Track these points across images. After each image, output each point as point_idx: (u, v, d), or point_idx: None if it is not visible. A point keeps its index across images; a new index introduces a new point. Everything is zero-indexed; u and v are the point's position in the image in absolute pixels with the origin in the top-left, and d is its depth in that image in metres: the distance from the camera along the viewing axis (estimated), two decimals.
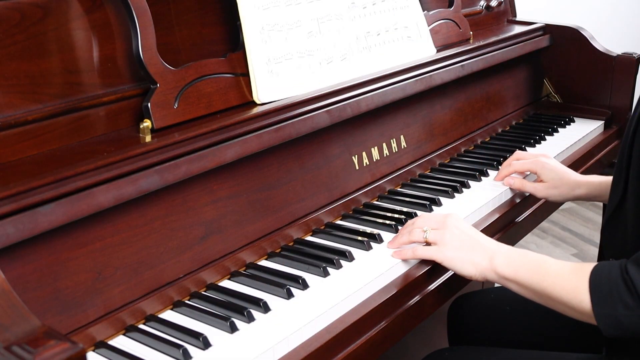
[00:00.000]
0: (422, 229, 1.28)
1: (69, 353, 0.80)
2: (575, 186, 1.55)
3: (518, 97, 2.14)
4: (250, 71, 1.38)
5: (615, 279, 1.07)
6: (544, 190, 1.58)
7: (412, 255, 1.27)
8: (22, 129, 1.10)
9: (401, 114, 1.67)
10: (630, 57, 2.06)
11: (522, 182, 1.61)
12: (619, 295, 1.06)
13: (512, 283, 1.20)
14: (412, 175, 1.68)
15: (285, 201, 1.36)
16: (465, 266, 1.23)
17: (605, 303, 1.07)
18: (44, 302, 1.00)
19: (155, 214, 1.15)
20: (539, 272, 1.16)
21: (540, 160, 1.61)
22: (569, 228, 3.70)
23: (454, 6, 1.92)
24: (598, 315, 1.08)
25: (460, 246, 1.24)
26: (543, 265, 1.17)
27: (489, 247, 1.23)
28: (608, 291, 1.07)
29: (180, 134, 1.19)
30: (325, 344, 1.07)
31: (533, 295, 1.18)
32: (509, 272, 1.19)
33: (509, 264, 1.19)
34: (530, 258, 1.20)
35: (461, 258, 1.23)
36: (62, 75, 1.17)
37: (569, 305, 1.12)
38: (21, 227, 0.95)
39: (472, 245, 1.24)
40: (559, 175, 1.57)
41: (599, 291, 1.08)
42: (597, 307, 1.08)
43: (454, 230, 1.26)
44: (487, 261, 1.21)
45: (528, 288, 1.18)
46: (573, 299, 1.11)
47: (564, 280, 1.13)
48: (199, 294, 1.18)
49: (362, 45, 1.59)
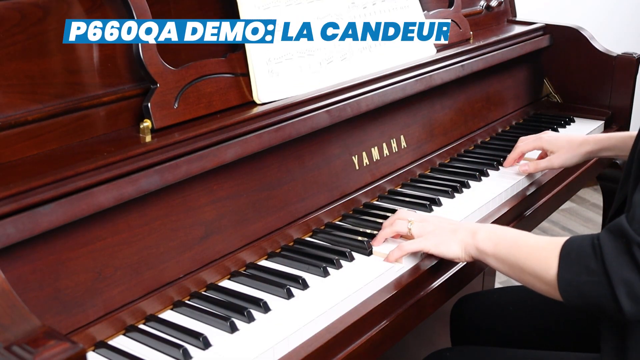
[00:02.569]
0: (407, 219, 1.30)
1: (69, 353, 0.80)
2: (584, 143, 1.62)
3: (518, 97, 2.14)
4: (250, 71, 1.38)
5: (586, 245, 1.05)
6: (557, 159, 1.64)
7: (399, 253, 1.27)
8: (22, 129, 1.10)
9: (401, 114, 1.67)
10: (630, 57, 2.06)
11: (535, 164, 1.66)
12: (585, 260, 1.04)
13: (491, 258, 1.20)
14: (412, 175, 1.68)
15: (285, 201, 1.36)
16: (451, 247, 1.25)
17: (571, 268, 1.06)
18: (44, 302, 1.00)
19: (155, 214, 1.15)
20: (516, 245, 1.17)
21: (542, 136, 1.69)
22: (569, 228, 3.70)
23: (454, 6, 1.92)
24: (561, 279, 1.06)
25: (443, 232, 1.27)
26: (522, 238, 1.18)
27: (471, 226, 1.26)
28: (576, 257, 1.06)
29: (181, 134, 1.19)
30: (325, 344, 1.07)
31: (508, 269, 1.18)
32: (489, 247, 1.20)
33: (490, 238, 1.21)
34: (511, 233, 1.21)
35: (446, 241, 1.25)
36: (62, 75, 1.17)
37: (537, 274, 1.11)
38: (21, 227, 0.95)
39: (455, 228, 1.27)
40: (564, 139, 1.64)
41: (568, 258, 1.07)
42: (561, 272, 1.06)
43: (435, 221, 1.30)
44: (470, 238, 1.23)
45: (504, 261, 1.18)
46: (543, 266, 1.10)
47: (538, 250, 1.12)
48: (199, 294, 1.18)
49: (362, 45, 1.59)
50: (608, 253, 1.01)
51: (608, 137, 1.60)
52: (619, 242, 1.01)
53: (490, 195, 1.57)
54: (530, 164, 1.67)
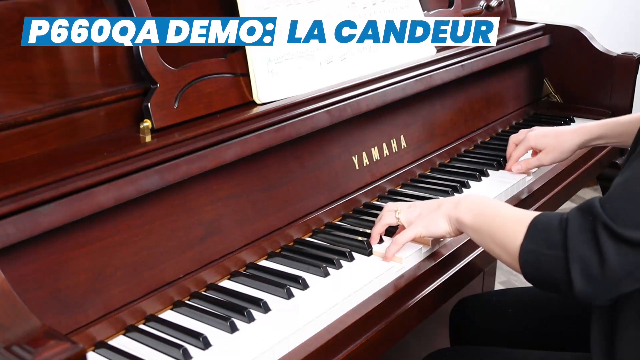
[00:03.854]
0: (393, 210, 1.30)
1: (69, 353, 0.80)
2: (573, 135, 1.59)
3: (518, 97, 2.14)
4: (251, 71, 1.38)
5: (554, 218, 1.05)
6: (547, 157, 1.62)
7: (395, 247, 1.27)
8: (22, 129, 1.10)
9: (401, 114, 1.67)
10: (630, 57, 2.06)
11: (526, 163, 1.64)
12: (549, 233, 1.03)
13: (469, 229, 1.20)
14: (412, 175, 1.68)
15: (285, 201, 1.36)
16: (439, 224, 1.24)
17: (534, 239, 1.05)
18: (44, 302, 1.00)
19: (155, 214, 1.15)
20: (493, 215, 1.16)
21: (529, 135, 1.65)
22: None
23: (454, 6, 1.92)
24: (522, 249, 1.06)
25: (429, 212, 1.26)
26: (500, 209, 1.17)
27: (455, 198, 1.25)
28: (542, 229, 1.05)
29: (180, 134, 1.19)
30: (325, 344, 1.07)
31: (480, 238, 1.18)
32: (468, 218, 1.19)
33: (471, 209, 1.20)
34: (491, 204, 1.20)
35: (434, 219, 1.24)
36: (62, 76, 1.17)
37: (504, 244, 1.10)
38: (21, 227, 0.95)
39: (440, 202, 1.26)
40: (552, 135, 1.61)
41: (534, 229, 1.06)
42: (525, 243, 1.06)
43: (421, 205, 1.29)
44: (453, 209, 1.22)
45: (479, 231, 1.17)
46: (510, 238, 1.09)
47: (511, 222, 1.11)
48: (199, 294, 1.18)
49: (362, 46, 1.59)
50: (572, 228, 1.01)
51: (597, 125, 1.57)
52: (586, 219, 1.00)
53: (491, 195, 1.56)
54: (522, 164, 1.65)
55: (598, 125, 1.58)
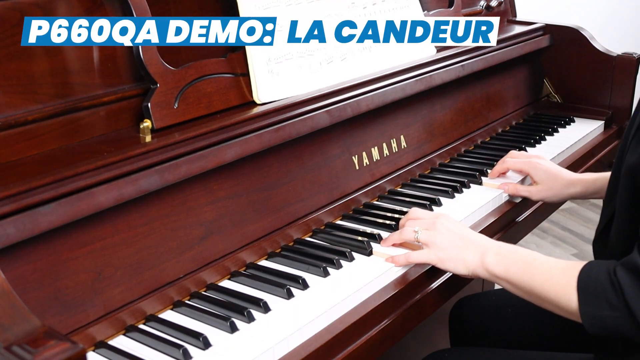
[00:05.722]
0: (413, 229, 1.29)
1: (69, 353, 0.80)
2: (570, 184, 1.54)
3: (518, 97, 2.14)
4: (251, 71, 1.38)
5: (603, 280, 1.07)
6: (538, 193, 1.57)
7: (405, 261, 1.27)
8: (22, 129, 1.10)
9: (401, 114, 1.67)
10: (630, 57, 2.06)
11: (515, 187, 1.59)
12: (605, 296, 1.06)
13: (503, 281, 1.20)
14: (412, 175, 1.67)
15: (285, 201, 1.36)
16: (457, 266, 1.24)
17: (592, 303, 1.08)
18: (44, 302, 1.00)
19: (155, 214, 1.15)
20: (529, 271, 1.17)
21: (533, 162, 1.60)
22: (569, 228, 3.70)
23: (454, 6, 1.92)
24: (584, 314, 1.09)
25: (451, 246, 1.24)
26: (533, 263, 1.18)
27: (479, 245, 1.24)
28: (595, 291, 1.08)
29: (181, 134, 1.19)
30: (325, 344, 1.07)
31: (523, 293, 1.19)
32: (499, 271, 1.20)
33: (500, 262, 1.20)
34: (520, 255, 1.20)
35: (453, 258, 1.24)
36: (62, 76, 1.17)
37: (557, 304, 1.13)
38: (21, 227, 0.95)
39: (463, 244, 1.24)
40: (552, 175, 1.56)
41: (586, 291, 1.09)
42: (583, 306, 1.08)
43: (444, 232, 1.26)
44: (478, 259, 1.22)
45: (518, 286, 1.18)
46: (562, 297, 1.12)
47: (553, 279, 1.13)
48: (199, 294, 1.18)
49: (362, 45, 1.59)
50: (627, 289, 1.04)
51: (594, 179, 1.52)
52: (635, 277, 1.04)
53: (491, 195, 1.57)
54: (511, 186, 1.58)
55: (595, 179, 1.52)
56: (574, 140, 1.95)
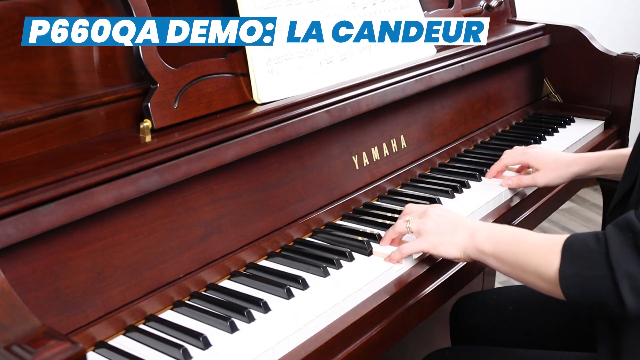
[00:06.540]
0: (404, 219, 1.29)
1: (69, 353, 0.80)
2: (572, 163, 1.55)
3: (518, 97, 2.14)
4: (251, 71, 1.38)
5: (590, 240, 1.03)
6: (542, 177, 1.57)
7: (399, 255, 1.27)
8: (22, 129, 1.10)
9: (401, 114, 1.67)
10: (630, 57, 2.06)
11: (518, 179, 1.60)
12: (588, 254, 1.02)
13: (490, 258, 1.19)
14: (412, 175, 1.68)
15: (285, 201, 1.36)
16: (449, 249, 1.24)
17: (573, 263, 1.04)
18: (44, 302, 1.00)
19: (155, 214, 1.15)
20: (516, 243, 1.15)
21: (529, 151, 1.61)
22: (569, 228, 3.70)
23: (454, 6, 1.92)
24: (562, 275, 1.04)
25: (441, 231, 1.24)
26: (521, 236, 1.16)
27: (470, 226, 1.23)
28: (579, 250, 1.04)
29: (180, 134, 1.19)
30: (325, 344, 1.07)
31: (508, 268, 1.16)
32: (488, 247, 1.19)
33: (490, 237, 1.19)
34: (510, 231, 1.19)
35: (444, 242, 1.24)
36: (62, 75, 1.17)
37: (538, 272, 1.09)
38: (21, 227, 0.95)
39: (454, 227, 1.24)
40: (552, 158, 1.57)
41: (570, 252, 1.05)
42: (563, 267, 1.04)
43: (434, 217, 1.26)
44: (469, 239, 1.21)
45: (504, 261, 1.16)
46: (544, 265, 1.08)
47: (539, 247, 1.10)
48: (199, 294, 1.18)
49: (362, 45, 1.59)
50: (613, 246, 0.99)
51: (598, 156, 1.53)
52: (625, 235, 0.99)
53: (491, 195, 1.57)
54: (514, 178, 1.60)
55: (599, 156, 1.54)
56: (574, 140, 1.95)
